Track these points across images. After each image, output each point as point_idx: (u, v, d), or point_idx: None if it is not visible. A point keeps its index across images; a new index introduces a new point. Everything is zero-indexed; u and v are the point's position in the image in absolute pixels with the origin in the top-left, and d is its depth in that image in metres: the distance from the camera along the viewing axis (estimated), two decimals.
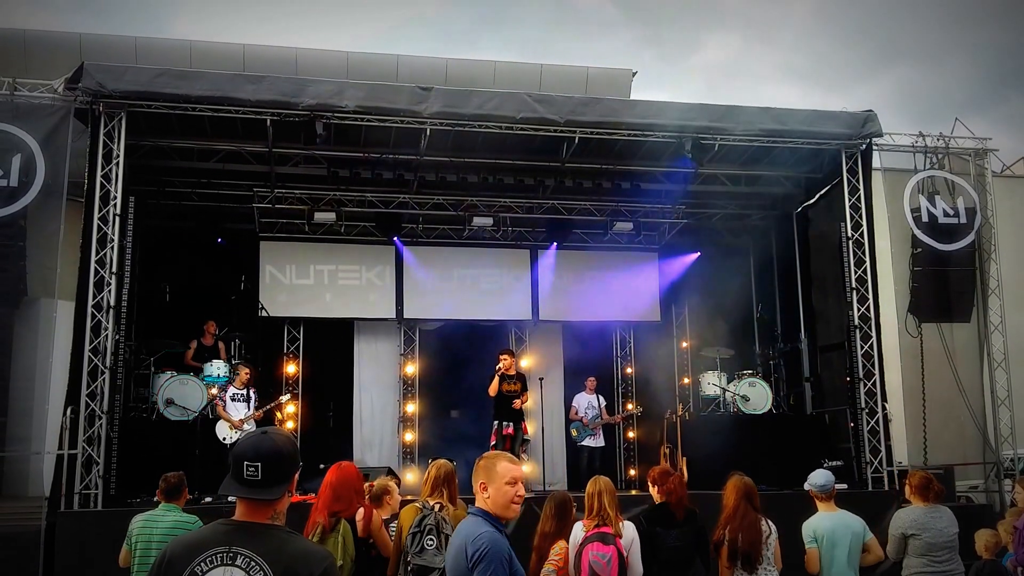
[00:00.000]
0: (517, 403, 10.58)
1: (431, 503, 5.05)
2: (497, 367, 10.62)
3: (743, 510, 5.50)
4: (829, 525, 5.58)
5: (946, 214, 11.31)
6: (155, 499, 6.03)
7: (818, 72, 59.82)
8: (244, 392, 10.16)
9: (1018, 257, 12.76)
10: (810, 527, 5.62)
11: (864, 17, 57.53)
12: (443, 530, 4.84)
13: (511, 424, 10.53)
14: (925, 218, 11.22)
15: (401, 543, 5.13)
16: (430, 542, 4.81)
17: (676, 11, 59.13)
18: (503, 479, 3.29)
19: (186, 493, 5.96)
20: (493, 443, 10.45)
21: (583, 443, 12.23)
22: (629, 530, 5.22)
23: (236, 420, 9.94)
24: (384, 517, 5.53)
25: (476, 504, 3.34)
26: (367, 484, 6.02)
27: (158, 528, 5.60)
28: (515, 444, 10.53)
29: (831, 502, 5.72)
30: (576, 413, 12.36)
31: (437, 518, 4.90)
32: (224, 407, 10.06)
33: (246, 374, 10.26)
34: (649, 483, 6.03)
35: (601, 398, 12.52)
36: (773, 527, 5.58)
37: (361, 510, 5.33)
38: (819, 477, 5.73)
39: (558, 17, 58.19)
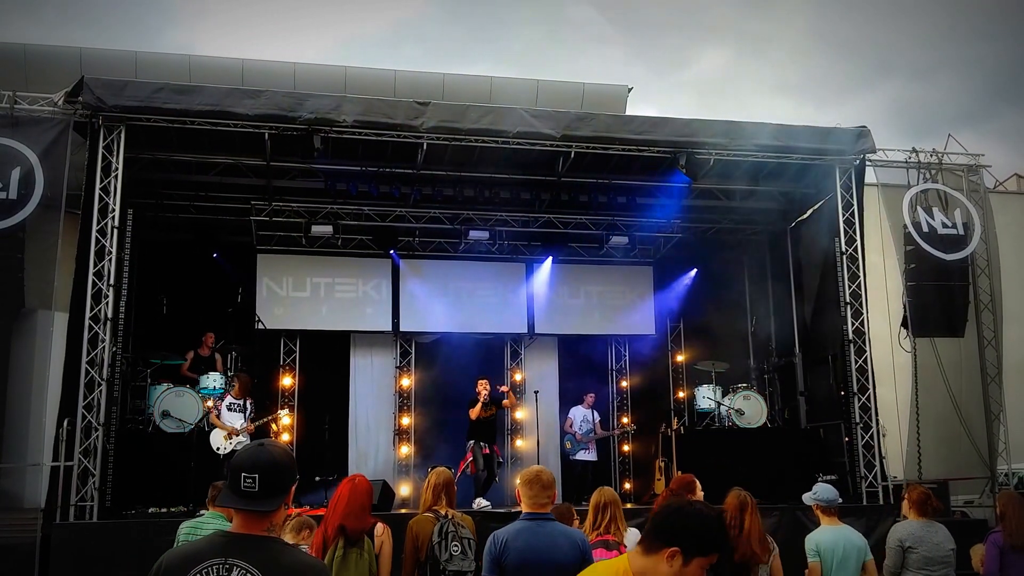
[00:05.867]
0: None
1: (443, 512, 5.09)
2: (479, 392, 10.72)
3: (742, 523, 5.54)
4: (832, 539, 5.58)
5: (944, 225, 11.38)
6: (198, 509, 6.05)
7: (811, 86, 60.18)
8: (241, 402, 9.97)
9: (1011, 272, 12.80)
10: (813, 540, 5.61)
11: (857, 32, 57.91)
12: (462, 535, 4.92)
13: (487, 445, 10.65)
14: (925, 228, 11.27)
15: (421, 554, 5.09)
16: (455, 548, 4.86)
17: (669, 25, 59.46)
18: None
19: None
20: (470, 459, 10.47)
21: (576, 457, 12.25)
22: (633, 536, 5.22)
23: (231, 428, 9.72)
24: None
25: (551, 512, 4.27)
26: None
27: (203, 534, 5.61)
28: (493, 464, 10.62)
29: (835, 517, 5.74)
30: (571, 426, 12.38)
31: (454, 524, 4.97)
32: (219, 415, 9.85)
33: (244, 384, 10.10)
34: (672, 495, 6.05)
35: (596, 413, 12.54)
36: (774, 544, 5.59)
37: (380, 526, 5.03)
38: (827, 492, 5.72)
39: (551, 31, 58.53)
